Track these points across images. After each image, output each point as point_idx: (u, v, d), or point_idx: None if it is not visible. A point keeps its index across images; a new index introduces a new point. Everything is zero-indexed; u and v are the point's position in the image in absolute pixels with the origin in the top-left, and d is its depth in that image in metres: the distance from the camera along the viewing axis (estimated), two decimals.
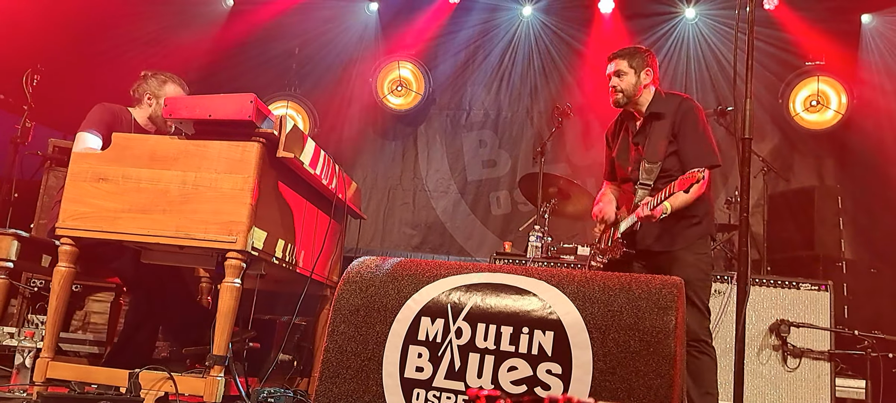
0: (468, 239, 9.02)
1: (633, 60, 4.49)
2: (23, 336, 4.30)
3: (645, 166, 4.35)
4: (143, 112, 4.89)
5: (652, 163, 4.33)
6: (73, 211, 3.81)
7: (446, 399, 2.66)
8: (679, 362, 2.53)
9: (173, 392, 3.58)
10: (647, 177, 4.33)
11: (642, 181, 4.35)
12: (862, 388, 5.45)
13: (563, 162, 8.81)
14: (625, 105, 4.53)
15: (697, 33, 8.74)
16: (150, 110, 4.87)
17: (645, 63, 4.51)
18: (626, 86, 4.48)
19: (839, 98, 7.98)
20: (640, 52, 4.54)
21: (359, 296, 2.91)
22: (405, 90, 9.14)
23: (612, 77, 4.52)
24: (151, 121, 4.88)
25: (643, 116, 4.51)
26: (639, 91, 4.49)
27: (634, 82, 4.48)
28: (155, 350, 4.90)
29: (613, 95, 4.52)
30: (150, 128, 4.91)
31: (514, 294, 2.75)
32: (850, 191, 7.60)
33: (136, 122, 4.86)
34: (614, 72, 4.51)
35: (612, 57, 4.56)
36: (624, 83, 4.48)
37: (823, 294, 5.45)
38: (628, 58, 4.50)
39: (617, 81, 4.50)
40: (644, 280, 2.74)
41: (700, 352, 4.17)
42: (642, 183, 4.35)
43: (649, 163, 4.34)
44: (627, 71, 4.48)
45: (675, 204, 4.10)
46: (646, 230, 4.35)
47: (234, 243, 3.62)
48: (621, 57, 4.52)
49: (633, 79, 4.48)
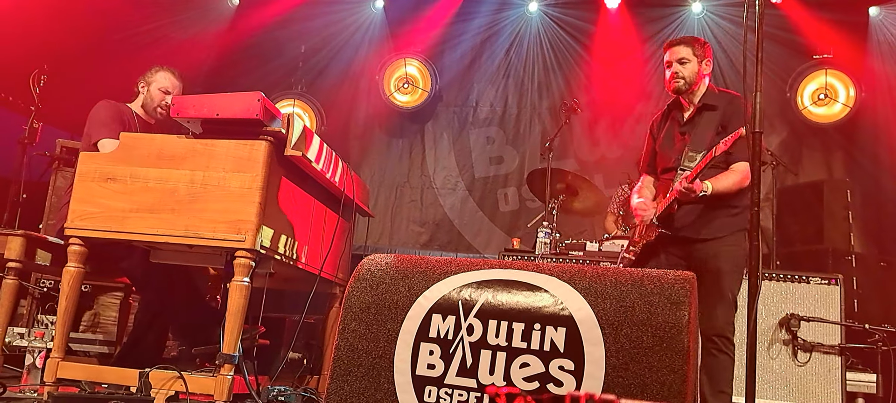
0: (476, 236, 9.02)
1: (695, 49, 4.47)
2: (33, 337, 4.30)
3: (688, 154, 4.31)
4: (138, 102, 4.99)
5: (696, 151, 4.28)
6: (82, 211, 3.82)
7: (458, 397, 2.65)
8: (692, 357, 2.51)
9: (184, 391, 3.58)
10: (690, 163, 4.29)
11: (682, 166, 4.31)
12: (873, 382, 5.43)
13: (571, 158, 8.80)
14: (684, 92, 4.49)
15: (704, 27, 8.71)
16: (142, 96, 4.96)
17: (705, 54, 4.50)
18: (688, 73, 4.44)
19: (847, 91, 7.95)
20: (700, 42, 4.53)
21: (369, 294, 2.90)
22: (412, 87, 9.13)
23: (673, 63, 4.48)
24: (143, 108, 4.96)
25: (694, 106, 4.48)
26: (698, 80, 4.47)
27: (696, 70, 4.45)
28: (164, 349, 4.91)
29: (674, 81, 4.47)
30: (149, 118, 4.96)
31: (525, 290, 2.73)
32: (859, 185, 7.58)
33: (137, 115, 4.92)
34: (677, 59, 4.47)
35: (674, 43, 4.53)
36: (686, 70, 4.44)
37: (833, 288, 5.43)
38: (692, 45, 4.48)
39: (679, 68, 4.45)
40: (656, 275, 2.73)
41: (719, 350, 4.14)
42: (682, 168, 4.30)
43: (693, 151, 4.30)
44: (690, 58, 4.45)
45: (717, 187, 4.12)
46: (683, 217, 4.32)
47: (242, 242, 3.61)
48: (685, 43, 4.50)
49: (695, 67, 4.45)
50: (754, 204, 3.35)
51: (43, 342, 4.29)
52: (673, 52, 4.50)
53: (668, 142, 4.58)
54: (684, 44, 4.49)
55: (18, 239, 4.25)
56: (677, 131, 4.53)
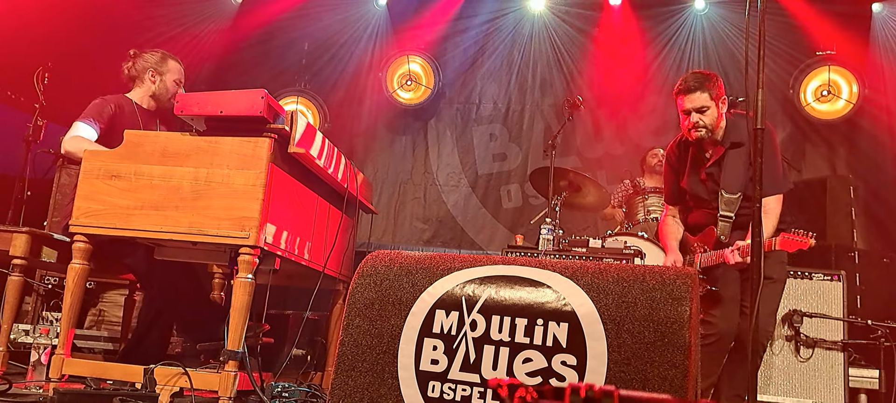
0: (479, 232, 9.03)
1: (711, 91, 4.29)
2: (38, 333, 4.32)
3: (724, 197, 4.23)
4: (144, 90, 4.91)
5: (731, 193, 4.21)
6: (87, 208, 3.83)
7: (462, 392, 2.67)
8: (694, 352, 2.53)
9: (188, 387, 3.59)
10: (727, 208, 4.21)
11: (723, 213, 4.23)
12: (875, 378, 5.44)
13: (574, 154, 8.81)
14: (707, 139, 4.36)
15: (707, 24, 8.71)
16: (154, 87, 4.90)
17: (720, 91, 4.33)
18: (709, 120, 4.30)
19: (850, 87, 7.95)
20: (712, 78, 4.35)
21: (373, 290, 2.92)
22: (415, 84, 9.14)
23: (692, 112, 4.31)
24: (154, 98, 4.92)
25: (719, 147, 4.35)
26: (718, 123, 4.33)
27: (715, 115, 4.31)
28: (169, 345, 4.92)
29: (696, 131, 4.32)
30: (152, 106, 4.93)
31: (528, 286, 2.75)
32: (862, 181, 7.59)
33: (138, 105, 4.88)
34: (696, 108, 4.30)
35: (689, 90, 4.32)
36: (707, 118, 4.29)
37: (836, 284, 5.44)
38: (707, 90, 4.29)
39: (699, 117, 4.29)
40: (658, 271, 2.74)
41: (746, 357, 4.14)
42: (723, 215, 4.23)
43: (728, 193, 4.22)
44: (709, 104, 4.29)
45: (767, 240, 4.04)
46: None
47: (246, 238, 3.63)
48: (700, 89, 4.30)
49: (714, 112, 4.31)
50: (757, 200, 3.36)
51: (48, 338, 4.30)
52: (690, 100, 4.32)
53: (696, 182, 4.48)
54: (700, 89, 4.30)
55: (23, 236, 4.27)
56: (703, 171, 4.43)
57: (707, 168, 4.41)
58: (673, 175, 4.67)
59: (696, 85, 4.30)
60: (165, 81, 4.91)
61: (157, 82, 4.90)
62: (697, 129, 4.31)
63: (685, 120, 4.37)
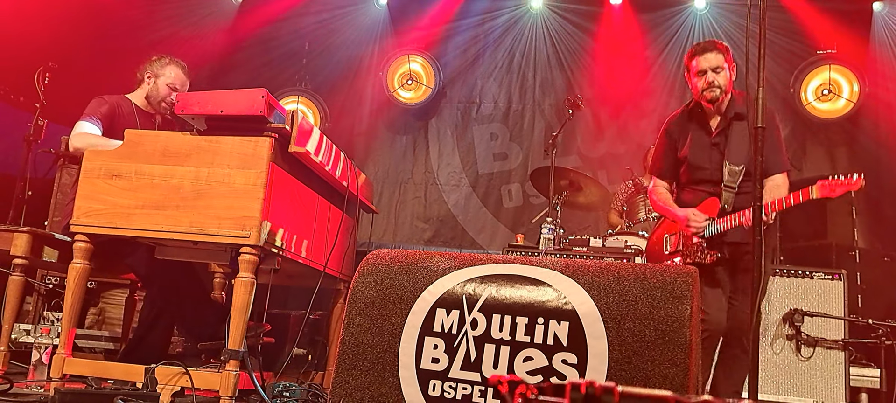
0: (480, 232, 9.02)
1: (726, 55, 4.32)
2: (39, 333, 4.32)
3: (729, 168, 4.24)
4: (141, 92, 4.93)
5: (735, 165, 4.22)
6: (87, 207, 3.84)
7: (462, 390, 2.67)
8: (694, 350, 2.53)
9: (189, 386, 3.59)
10: (732, 179, 4.22)
11: (727, 183, 4.24)
12: (876, 377, 5.44)
13: (575, 154, 8.80)
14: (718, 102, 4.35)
15: (708, 23, 8.71)
16: (148, 89, 4.92)
17: (731, 60, 4.36)
18: (723, 81, 4.29)
19: (851, 86, 7.94)
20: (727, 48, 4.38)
21: (374, 289, 2.92)
22: (415, 84, 9.13)
23: (708, 71, 4.30)
24: (147, 100, 4.92)
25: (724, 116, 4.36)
26: (729, 89, 4.34)
27: (728, 79, 4.32)
28: (170, 345, 4.92)
29: (710, 91, 4.30)
30: (149, 108, 4.95)
31: (528, 285, 2.75)
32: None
33: (137, 106, 4.90)
34: (712, 68, 4.29)
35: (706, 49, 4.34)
36: (721, 78, 4.29)
37: (837, 283, 5.43)
38: (723, 52, 4.32)
39: (715, 76, 4.28)
40: (658, 269, 2.74)
41: (744, 351, 4.12)
42: (727, 185, 4.24)
43: (733, 165, 4.23)
44: (723, 66, 4.30)
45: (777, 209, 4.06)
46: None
47: (247, 238, 3.63)
48: (717, 50, 4.32)
49: (728, 75, 4.32)
50: (757, 198, 3.36)
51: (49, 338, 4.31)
52: (705, 59, 4.32)
53: (701, 152, 4.45)
54: (716, 50, 4.32)
55: (24, 235, 4.27)
56: (708, 141, 4.42)
57: (712, 138, 4.40)
58: (671, 145, 4.62)
59: (712, 45, 4.34)
60: (158, 84, 4.92)
61: (151, 84, 4.92)
62: (712, 89, 4.30)
63: (699, 81, 4.35)
